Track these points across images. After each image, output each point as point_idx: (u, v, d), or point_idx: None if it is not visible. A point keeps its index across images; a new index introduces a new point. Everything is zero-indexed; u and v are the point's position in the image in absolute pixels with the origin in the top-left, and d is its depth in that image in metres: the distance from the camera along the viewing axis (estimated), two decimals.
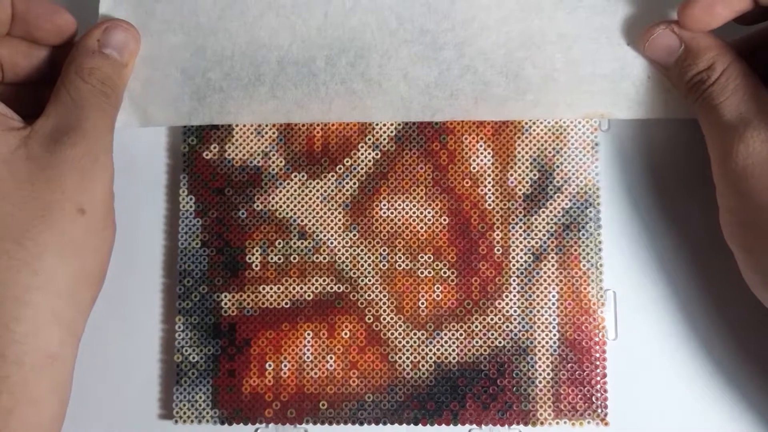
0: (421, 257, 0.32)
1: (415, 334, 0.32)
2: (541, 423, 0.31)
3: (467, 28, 0.32)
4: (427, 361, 0.32)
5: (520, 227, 0.32)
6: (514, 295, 0.32)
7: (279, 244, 0.33)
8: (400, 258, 0.32)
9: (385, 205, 0.33)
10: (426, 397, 0.31)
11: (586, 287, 0.32)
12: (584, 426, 0.31)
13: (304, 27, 0.32)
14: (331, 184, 0.33)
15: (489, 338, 0.32)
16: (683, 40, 0.30)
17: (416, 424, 0.31)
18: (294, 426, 0.32)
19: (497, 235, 0.32)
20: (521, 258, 0.32)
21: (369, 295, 0.32)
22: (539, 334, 0.32)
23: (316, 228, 0.33)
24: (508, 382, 0.31)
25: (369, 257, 0.32)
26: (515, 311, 0.32)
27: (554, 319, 0.32)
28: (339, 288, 0.32)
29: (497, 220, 0.32)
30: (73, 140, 0.28)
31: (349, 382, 0.32)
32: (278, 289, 0.32)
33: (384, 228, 0.33)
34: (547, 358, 0.31)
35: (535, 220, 0.32)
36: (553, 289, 0.32)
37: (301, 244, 0.33)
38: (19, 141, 0.28)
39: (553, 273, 0.32)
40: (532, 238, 0.32)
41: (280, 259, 0.33)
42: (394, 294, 0.32)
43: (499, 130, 0.33)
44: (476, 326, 0.32)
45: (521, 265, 0.32)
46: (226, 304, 0.32)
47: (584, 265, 0.32)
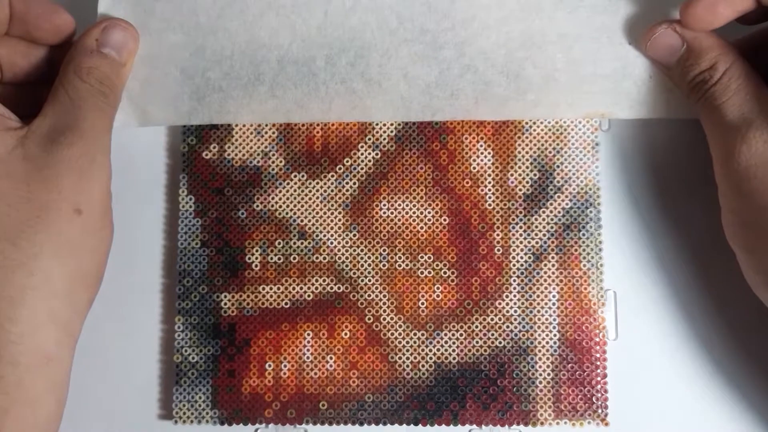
0: (421, 257, 0.32)
1: (415, 335, 0.32)
2: (542, 423, 0.31)
3: (467, 28, 0.32)
4: (427, 362, 0.32)
5: (521, 227, 0.32)
6: (515, 295, 0.32)
7: (279, 244, 0.33)
8: (400, 258, 0.32)
9: (385, 205, 0.33)
10: (426, 398, 0.31)
11: (587, 287, 0.32)
12: (584, 426, 0.31)
13: (304, 26, 0.32)
14: (331, 184, 0.33)
15: (489, 338, 0.32)
16: (685, 40, 0.29)
17: (416, 425, 0.31)
18: (294, 426, 0.32)
19: (497, 235, 0.32)
20: (521, 258, 0.32)
21: (369, 295, 0.32)
22: (539, 335, 0.32)
23: (316, 228, 0.33)
24: (508, 383, 0.31)
25: (369, 257, 0.32)
26: (515, 311, 0.32)
27: (554, 320, 0.32)
28: (339, 288, 0.32)
29: (497, 220, 0.32)
30: (70, 140, 0.28)
31: (349, 383, 0.32)
32: (278, 289, 0.32)
33: (384, 228, 0.32)
34: (548, 359, 0.31)
35: (536, 220, 0.32)
36: (554, 289, 0.32)
37: (301, 244, 0.33)
38: (15, 141, 0.28)
39: (554, 273, 0.32)
40: (533, 238, 0.32)
41: (280, 259, 0.32)
42: (394, 294, 0.32)
43: (500, 130, 0.33)
44: (476, 326, 0.32)
45: (521, 265, 0.32)
46: (225, 304, 0.32)
47: (584, 265, 0.32)
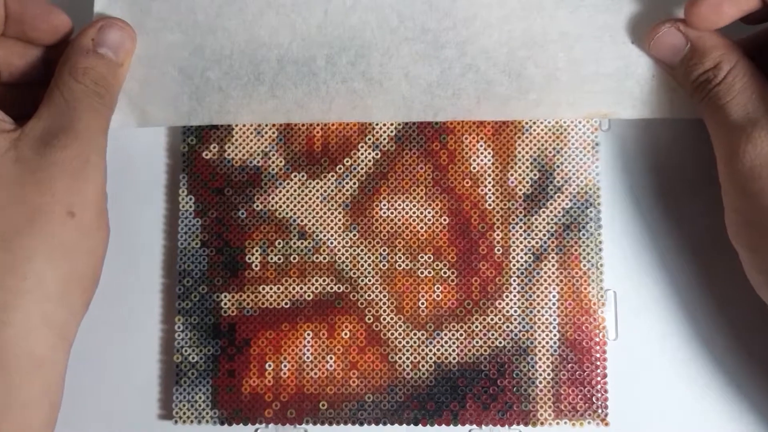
0: (421, 257, 0.32)
1: (415, 334, 0.32)
2: (542, 423, 0.31)
3: (469, 27, 0.31)
4: (427, 362, 0.32)
5: (521, 227, 0.32)
6: (515, 295, 0.32)
7: (279, 244, 0.33)
8: (400, 258, 0.32)
9: (385, 205, 0.33)
10: (426, 398, 0.31)
11: (587, 287, 0.32)
12: (584, 426, 0.31)
13: (304, 25, 0.32)
14: (331, 184, 0.33)
15: (489, 338, 0.32)
16: (689, 39, 0.29)
17: (416, 425, 0.31)
18: (294, 426, 0.32)
19: (497, 235, 0.32)
20: (521, 258, 0.32)
21: (369, 295, 0.32)
22: (539, 335, 0.32)
23: (316, 228, 0.33)
24: (508, 383, 0.31)
25: (369, 257, 0.32)
26: (515, 311, 0.32)
27: (554, 320, 0.32)
28: (339, 288, 0.32)
29: (497, 220, 0.32)
30: (64, 142, 0.28)
31: (349, 383, 0.32)
32: (278, 289, 0.32)
33: (384, 228, 0.32)
34: (548, 359, 0.31)
35: (536, 220, 0.32)
36: (554, 289, 0.32)
37: (301, 244, 0.32)
38: (8, 143, 0.28)
39: (554, 273, 0.32)
40: (533, 238, 0.32)
41: (280, 259, 0.32)
42: (394, 294, 0.32)
43: (500, 130, 0.33)
44: (476, 326, 0.32)
45: (521, 265, 0.32)
46: (225, 304, 0.32)
47: (585, 265, 0.32)
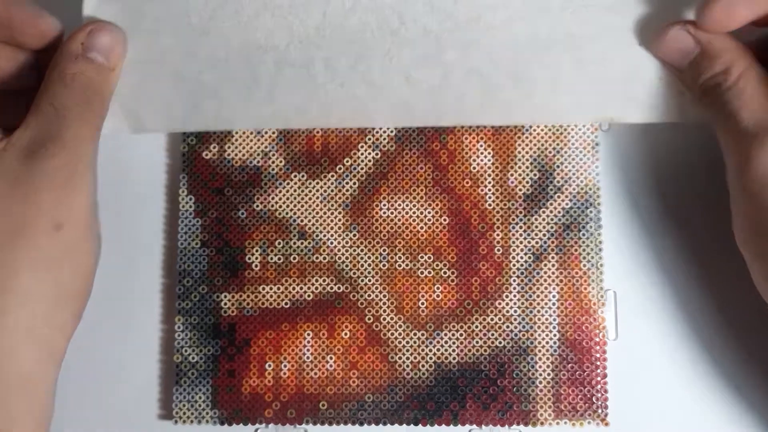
0: (421, 257, 0.32)
1: (415, 334, 0.32)
2: (542, 423, 0.31)
3: (472, 29, 0.31)
4: (427, 362, 0.32)
5: (521, 227, 0.32)
6: (515, 295, 0.32)
7: (279, 244, 0.33)
8: (400, 258, 0.32)
9: (385, 205, 0.33)
10: (426, 398, 0.31)
11: (587, 287, 0.32)
12: (584, 426, 0.31)
13: (302, 27, 0.31)
14: (331, 184, 0.33)
15: (489, 338, 0.32)
16: (699, 41, 0.28)
17: (416, 425, 0.31)
18: (294, 426, 0.32)
19: (497, 235, 0.32)
20: (521, 258, 0.32)
21: (369, 295, 0.32)
22: (539, 335, 0.32)
23: (316, 228, 0.33)
24: (508, 383, 0.31)
25: (369, 257, 0.32)
26: (515, 311, 0.32)
27: (554, 320, 0.32)
28: (339, 288, 0.32)
29: (497, 220, 0.32)
30: (52, 152, 0.27)
31: (349, 383, 0.32)
32: (278, 289, 0.32)
33: (384, 228, 0.32)
34: (548, 359, 0.31)
35: (536, 220, 0.32)
36: (554, 289, 0.32)
37: (301, 244, 0.33)
38: None
39: (554, 273, 0.32)
40: (533, 238, 0.32)
41: (280, 259, 0.32)
42: (394, 294, 0.32)
43: (500, 131, 0.32)
44: (476, 326, 0.32)
45: (521, 265, 0.32)
46: (225, 304, 0.32)
47: (584, 265, 0.32)
